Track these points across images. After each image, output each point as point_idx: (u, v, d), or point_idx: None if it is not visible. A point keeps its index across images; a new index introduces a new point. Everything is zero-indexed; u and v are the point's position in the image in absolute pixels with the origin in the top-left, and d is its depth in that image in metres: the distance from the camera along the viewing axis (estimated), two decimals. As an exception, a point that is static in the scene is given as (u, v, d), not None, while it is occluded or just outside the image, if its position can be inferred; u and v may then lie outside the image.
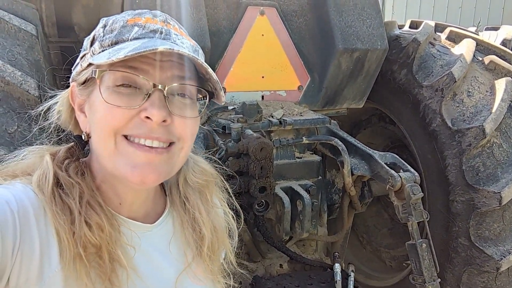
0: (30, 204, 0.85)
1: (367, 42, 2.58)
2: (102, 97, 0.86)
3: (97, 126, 0.89)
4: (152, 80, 0.87)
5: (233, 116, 2.28)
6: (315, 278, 2.24)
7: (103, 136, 0.88)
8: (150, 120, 0.87)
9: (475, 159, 2.50)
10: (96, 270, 0.87)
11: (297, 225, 2.29)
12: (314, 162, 2.49)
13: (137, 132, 0.87)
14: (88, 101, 0.93)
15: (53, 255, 0.84)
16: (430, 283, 2.21)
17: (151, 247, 1.00)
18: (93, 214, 0.89)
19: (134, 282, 0.92)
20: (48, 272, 0.82)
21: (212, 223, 1.10)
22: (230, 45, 2.41)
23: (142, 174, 0.88)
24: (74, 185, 0.90)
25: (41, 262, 0.82)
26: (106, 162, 0.90)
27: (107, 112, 0.87)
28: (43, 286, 0.81)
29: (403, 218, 2.27)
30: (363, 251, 3.80)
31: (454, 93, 2.64)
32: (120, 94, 0.87)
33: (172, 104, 0.89)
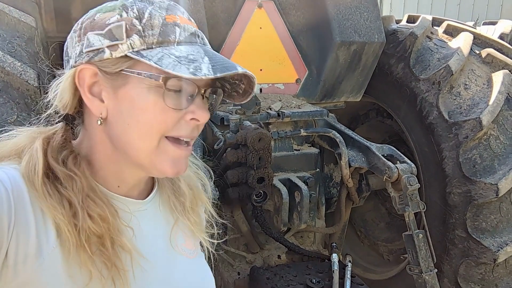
0: (22, 183, 0.85)
1: (364, 35, 2.59)
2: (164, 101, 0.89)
3: (143, 124, 0.91)
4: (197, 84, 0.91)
5: (231, 107, 2.29)
6: (313, 269, 2.26)
7: (147, 134, 0.91)
8: (195, 121, 0.92)
9: (472, 151, 2.52)
10: (100, 257, 0.88)
11: (295, 216, 2.30)
12: (312, 155, 2.51)
13: (182, 133, 0.92)
14: (112, 90, 0.92)
15: (50, 232, 0.85)
16: (427, 273, 2.23)
17: (146, 222, 1.02)
18: (94, 206, 0.91)
19: (138, 263, 0.94)
20: (47, 249, 0.83)
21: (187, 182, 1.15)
22: (228, 38, 2.42)
23: (178, 167, 0.95)
24: (73, 178, 0.90)
25: (38, 239, 0.83)
26: (142, 156, 0.93)
27: (160, 113, 0.89)
28: (43, 262, 0.82)
29: (400, 209, 2.29)
30: (361, 245, 3.82)
31: (451, 86, 2.65)
32: (169, 96, 0.89)
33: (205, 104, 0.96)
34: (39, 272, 0.82)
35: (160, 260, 1.02)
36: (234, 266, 2.38)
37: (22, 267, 0.80)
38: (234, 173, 2.11)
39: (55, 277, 0.84)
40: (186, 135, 0.93)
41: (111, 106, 0.92)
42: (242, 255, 2.42)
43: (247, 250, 2.45)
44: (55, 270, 0.84)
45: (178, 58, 0.87)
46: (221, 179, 2.19)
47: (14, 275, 0.80)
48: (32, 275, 0.81)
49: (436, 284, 2.24)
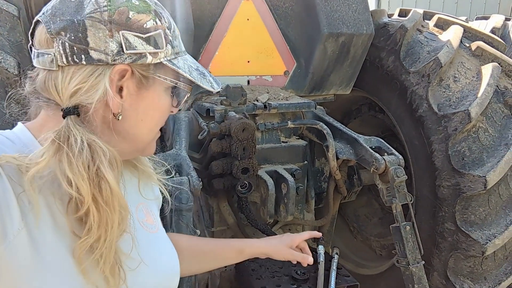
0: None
1: (352, 26, 2.58)
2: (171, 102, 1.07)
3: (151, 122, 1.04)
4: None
5: (217, 98, 2.28)
6: (299, 261, 2.24)
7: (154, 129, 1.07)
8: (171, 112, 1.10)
9: (461, 143, 2.51)
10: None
11: (282, 208, 2.29)
12: (299, 147, 2.49)
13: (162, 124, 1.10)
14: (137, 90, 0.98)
15: (14, 215, 0.84)
16: (414, 265, 2.22)
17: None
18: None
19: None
20: (12, 231, 0.83)
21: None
22: (215, 29, 2.41)
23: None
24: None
25: (2, 223, 0.82)
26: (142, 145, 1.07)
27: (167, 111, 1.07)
28: (9, 245, 0.82)
29: (387, 201, 2.27)
30: (354, 240, 3.81)
31: (441, 79, 2.64)
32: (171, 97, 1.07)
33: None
34: (6, 256, 0.82)
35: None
36: (220, 259, 2.37)
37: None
38: (218, 163, 2.09)
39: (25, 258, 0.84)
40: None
41: (128, 104, 0.98)
42: (229, 247, 2.40)
43: (234, 242, 2.43)
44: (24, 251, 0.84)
45: (196, 70, 1.05)
46: (206, 170, 2.18)
47: None
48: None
49: (423, 276, 2.22)
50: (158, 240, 1.14)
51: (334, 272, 2.08)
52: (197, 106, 2.35)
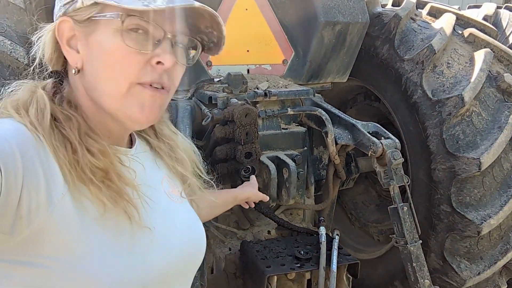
0: (27, 137, 0.87)
1: (348, 15, 2.65)
2: (121, 40, 0.90)
3: (109, 68, 0.93)
4: (163, 27, 0.93)
5: (218, 86, 2.34)
6: (302, 242, 2.32)
7: (115, 79, 0.93)
8: (161, 65, 0.93)
9: (455, 127, 2.58)
10: (109, 191, 0.92)
11: (284, 192, 2.36)
12: (299, 133, 2.56)
13: (149, 79, 0.94)
14: (85, 39, 0.95)
15: (58, 180, 0.87)
16: (412, 244, 2.29)
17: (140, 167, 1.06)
18: (93, 142, 0.94)
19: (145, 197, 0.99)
20: (56, 196, 0.86)
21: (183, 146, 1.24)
22: (215, 19, 2.46)
23: (149, 112, 0.96)
24: (71, 118, 0.94)
25: (47, 188, 0.85)
26: (111, 101, 0.95)
27: (124, 55, 0.91)
28: (54, 209, 0.85)
29: (385, 183, 2.35)
30: (352, 227, 3.89)
31: (434, 65, 2.71)
32: (133, 38, 0.91)
33: (176, 53, 0.97)
34: (52, 219, 0.84)
35: (157, 200, 1.06)
36: (225, 242, 2.44)
37: (35, 215, 0.82)
38: (222, 149, 2.16)
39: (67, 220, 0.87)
40: (154, 80, 0.94)
41: (85, 55, 0.95)
42: (233, 231, 2.48)
43: (238, 226, 2.50)
44: (67, 214, 0.87)
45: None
46: (210, 156, 2.24)
47: (28, 224, 0.82)
48: (45, 222, 0.84)
49: (420, 255, 2.30)
50: (184, 209, 1.18)
51: (335, 252, 2.16)
52: (199, 95, 2.41)
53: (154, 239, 1.00)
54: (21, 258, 0.84)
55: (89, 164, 0.91)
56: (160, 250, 1.01)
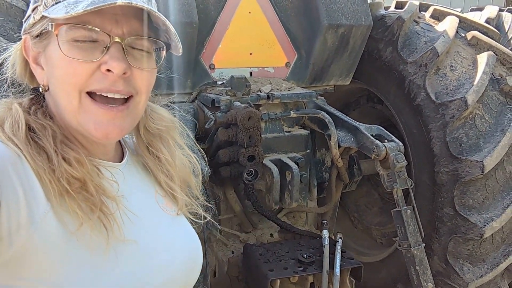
0: (4, 155, 0.84)
1: (351, 18, 2.65)
2: (62, 51, 0.88)
3: (59, 81, 0.91)
4: (109, 33, 0.90)
5: (221, 89, 2.34)
6: (304, 245, 2.32)
7: (66, 92, 0.90)
8: (111, 72, 0.89)
9: (458, 130, 2.58)
10: (86, 202, 0.88)
11: (286, 195, 2.36)
12: (302, 136, 2.56)
13: (99, 87, 0.90)
14: (44, 54, 0.94)
15: (39, 197, 0.84)
16: (415, 248, 2.29)
17: (126, 182, 1.04)
18: (70, 150, 0.91)
19: (124, 212, 0.95)
20: (38, 214, 0.83)
21: (177, 163, 1.16)
22: (218, 22, 2.47)
23: (105, 130, 0.92)
24: (45, 127, 0.91)
25: (28, 207, 0.82)
26: (70, 117, 0.93)
27: (68, 66, 0.88)
28: (37, 228, 0.82)
29: (388, 186, 2.35)
30: (355, 230, 3.88)
31: (438, 68, 2.71)
32: (78, 48, 0.88)
33: (130, 57, 0.92)
34: (34, 239, 0.81)
35: (146, 214, 1.03)
36: (228, 246, 2.44)
37: (16, 236, 0.80)
38: (225, 152, 2.16)
39: (50, 239, 0.84)
40: (104, 88, 0.90)
41: (46, 71, 0.94)
42: (236, 234, 2.48)
43: (241, 229, 2.51)
44: (49, 233, 0.84)
45: (68, 3, 0.87)
46: (213, 159, 2.24)
47: (9, 245, 0.79)
48: (27, 243, 0.81)
49: (424, 258, 2.30)
50: (180, 223, 1.14)
51: (338, 255, 2.16)
52: (202, 98, 2.41)
53: (142, 254, 0.96)
54: (2, 282, 0.82)
55: (65, 173, 0.88)
56: (152, 264, 0.97)
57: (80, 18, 0.87)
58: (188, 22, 2.23)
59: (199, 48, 2.43)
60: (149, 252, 0.98)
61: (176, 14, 2.19)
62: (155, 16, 0.92)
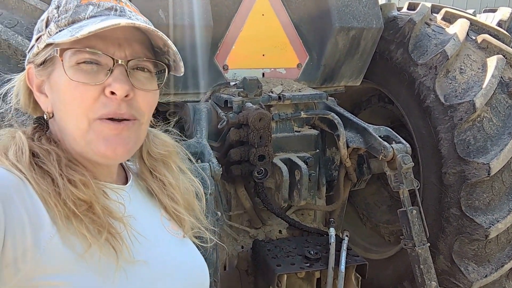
0: (8, 182, 0.85)
1: (362, 21, 2.70)
2: (67, 76, 0.89)
3: (66, 106, 0.92)
4: (112, 56, 0.92)
5: (234, 90, 2.42)
6: (311, 242, 2.40)
7: (74, 116, 0.92)
8: (114, 95, 0.91)
9: (466, 132, 2.62)
10: (93, 225, 0.89)
11: (295, 194, 2.43)
12: (312, 136, 2.63)
13: (105, 111, 0.92)
14: (48, 81, 0.96)
15: (45, 223, 0.85)
16: (420, 247, 2.35)
17: (132, 204, 1.05)
18: (75, 173, 0.93)
19: (131, 231, 0.96)
20: (44, 239, 0.83)
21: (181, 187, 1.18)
22: (232, 25, 2.54)
23: (113, 145, 0.94)
24: (50, 152, 0.93)
25: (33, 233, 0.83)
26: (78, 140, 0.94)
27: (74, 90, 0.90)
28: (43, 254, 0.82)
29: (395, 186, 2.40)
30: (363, 227, 3.94)
31: (447, 70, 2.75)
32: (83, 72, 0.90)
33: (133, 78, 0.94)
34: (41, 264, 0.82)
35: (154, 236, 1.04)
36: (238, 241, 2.53)
37: (23, 262, 0.80)
38: (236, 151, 2.24)
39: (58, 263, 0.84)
40: (111, 112, 0.92)
41: (50, 98, 0.96)
42: (246, 230, 2.56)
43: (250, 225, 2.59)
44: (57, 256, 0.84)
45: (73, 29, 0.89)
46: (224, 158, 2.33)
47: (15, 272, 0.80)
48: (34, 268, 0.82)
49: (428, 257, 2.36)
50: (187, 245, 1.16)
51: (344, 252, 2.23)
52: (215, 98, 2.49)
53: (152, 275, 0.97)
54: None
55: (71, 196, 0.89)
56: (159, 284, 0.98)
57: (84, 43, 0.90)
58: (203, 26, 2.31)
59: (213, 50, 2.51)
60: (159, 274, 1.00)
61: (192, 18, 2.27)
62: (156, 37, 0.95)
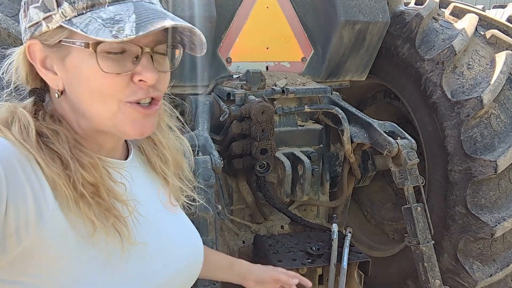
0: (12, 153, 0.84)
1: (368, 14, 2.66)
2: (99, 66, 0.88)
3: (94, 92, 0.91)
4: (138, 44, 0.90)
5: (237, 83, 2.39)
6: (314, 238, 2.37)
7: (103, 101, 0.92)
8: (144, 82, 0.91)
9: (473, 129, 2.58)
10: (99, 208, 0.90)
11: (298, 188, 2.40)
12: (315, 130, 2.59)
13: (136, 97, 0.92)
14: (61, 62, 0.93)
15: (48, 196, 0.85)
16: (424, 244, 2.31)
17: (133, 179, 1.05)
18: (83, 155, 0.92)
19: (135, 213, 0.97)
20: (47, 212, 0.84)
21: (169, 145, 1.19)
22: (236, 17, 2.51)
23: (141, 128, 0.96)
24: (58, 132, 0.92)
25: (36, 205, 0.83)
26: (105, 121, 0.94)
27: (104, 79, 0.89)
28: (46, 225, 0.83)
29: (399, 183, 2.37)
30: (367, 224, 3.90)
31: (455, 66, 2.70)
32: (111, 60, 0.89)
33: (157, 63, 0.94)
34: (42, 236, 0.83)
35: (152, 214, 1.06)
36: (239, 235, 2.50)
37: (25, 233, 0.81)
38: (238, 144, 2.21)
39: (59, 238, 0.85)
40: (141, 98, 0.93)
41: (64, 78, 0.94)
42: (247, 225, 2.54)
43: (252, 220, 2.56)
44: (58, 231, 0.85)
45: (104, 21, 0.86)
46: (226, 151, 2.30)
47: (18, 242, 0.81)
48: (35, 240, 0.82)
49: (432, 255, 2.32)
50: (180, 219, 1.19)
51: (347, 249, 2.20)
52: (218, 90, 2.46)
53: (149, 254, 0.99)
54: (5, 277, 0.83)
55: (81, 179, 0.89)
56: (158, 264, 1.01)
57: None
58: (206, 17, 2.28)
59: (216, 42, 2.47)
60: (156, 252, 1.01)
61: (195, 8, 2.24)
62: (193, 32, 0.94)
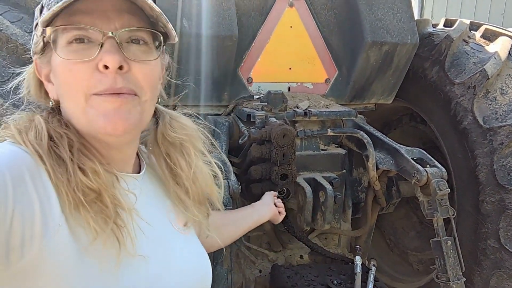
0: (23, 164, 0.84)
1: (396, 36, 2.55)
2: (58, 56, 0.90)
3: (64, 87, 0.93)
4: (101, 29, 0.90)
5: (258, 104, 2.30)
6: (335, 270, 2.22)
7: (72, 96, 0.92)
8: (108, 69, 0.89)
9: (507, 158, 2.43)
10: (100, 214, 0.88)
11: (319, 216, 2.27)
12: (338, 155, 2.48)
13: (102, 88, 0.90)
14: (51, 68, 0.97)
15: (55, 210, 0.84)
16: (454, 282, 2.15)
17: (143, 193, 1.04)
18: (86, 160, 0.92)
19: (138, 224, 0.95)
20: (53, 226, 0.83)
21: (195, 176, 1.15)
22: (258, 36, 2.43)
23: (113, 121, 0.91)
24: (62, 135, 0.92)
25: (43, 219, 0.82)
26: (80, 119, 0.94)
27: (68, 70, 0.90)
28: (50, 240, 0.81)
29: (428, 214, 2.22)
30: (390, 253, 3.74)
31: (487, 91, 2.58)
32: (74, 51, 0.90)
33: (127, 51, 0.92)
34: (45, 252, 0.81)
35: (159, 231, 1.04)
36: (256, 264, 2.37)
37: (28, 247, 0.79)
38: (257, 168, 2.10)
39: (61, 251, 0.83)
40: (107, 87, 0.90)
41: (56, 84, 0.97)
42: (264, 253, 2.41)
43: (270, 248, 2.44)
44: (61, 245, 0.83)
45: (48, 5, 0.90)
46: (245, 175, 2.19)
47: (20, 257, 0.79)
48: (38, 255, 0.80)
49: (463, 293, 2.16)
50: (190, 241, 1.15)
51: (371, 284, 2.05)
52: (237, 111, 2.37)
53: (148, 269, 0.95)
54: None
55: (80, 184, 0.87)
56: (155, 281, 0.96)
57: (70, 20, 0.88)
58: (228, 36, 2.20)
59: (237, 61, 2.39)
60: (159, 271, 0.98)
61: (216, 27, 2.16)
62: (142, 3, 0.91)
